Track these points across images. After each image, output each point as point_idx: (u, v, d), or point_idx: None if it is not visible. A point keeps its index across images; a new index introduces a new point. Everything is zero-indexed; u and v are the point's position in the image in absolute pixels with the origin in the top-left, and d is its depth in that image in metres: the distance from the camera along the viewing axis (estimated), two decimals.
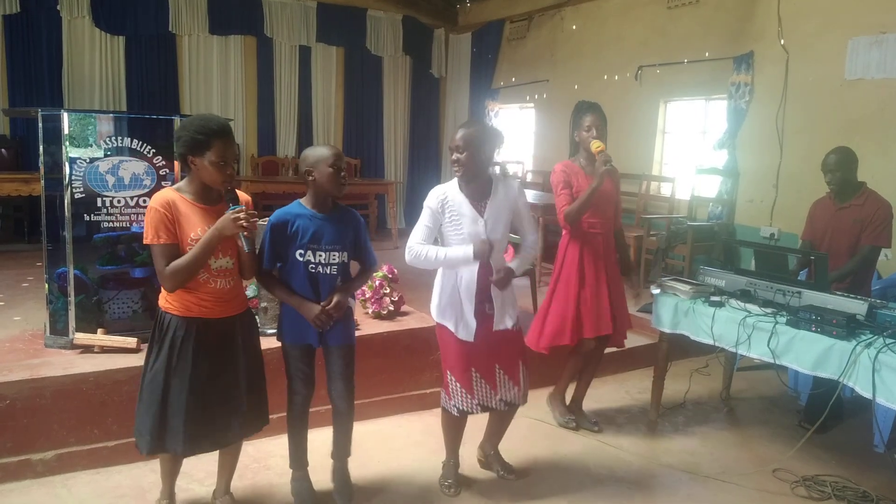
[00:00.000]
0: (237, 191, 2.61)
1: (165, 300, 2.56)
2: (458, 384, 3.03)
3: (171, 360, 2.53)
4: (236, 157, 2.53)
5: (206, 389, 2.58)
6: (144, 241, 2.48)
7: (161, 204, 2.46)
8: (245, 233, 2.50)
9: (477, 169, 2.98)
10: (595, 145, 3.62)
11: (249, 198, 2.72)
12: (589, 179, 3.69)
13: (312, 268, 2.80)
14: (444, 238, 3.06)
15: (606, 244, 3.81)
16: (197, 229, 2.49)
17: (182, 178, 2.71)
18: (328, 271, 2.82)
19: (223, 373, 2.63)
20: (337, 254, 2.83)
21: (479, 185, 3.03)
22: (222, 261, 2.58)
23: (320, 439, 3.13)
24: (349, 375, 2.99)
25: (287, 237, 2.79)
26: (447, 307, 3.03)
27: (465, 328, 3.01)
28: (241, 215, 2.45)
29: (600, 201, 3.70)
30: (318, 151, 2.80)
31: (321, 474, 3.15)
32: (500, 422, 3.35)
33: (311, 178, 2.78)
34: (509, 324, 3.12)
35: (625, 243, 3.94)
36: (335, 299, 2.78)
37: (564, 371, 4.02)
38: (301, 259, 2.79)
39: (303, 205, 2.86)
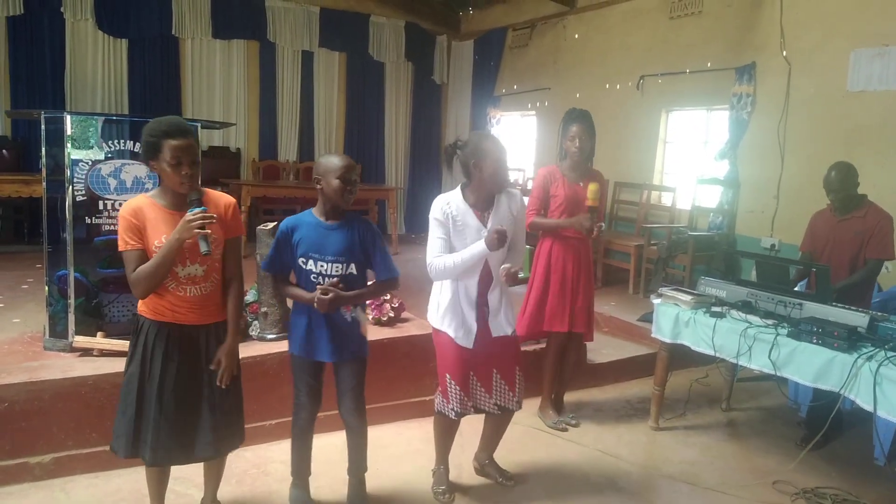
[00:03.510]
0: (220, 194, 2.59)
1: (141, 303, 2.53)
2: (456, 387, 3.02)
3: (144, 364, 2.50)
4: (196, 156, 2.45)
5: (173, 397, 2.51)
6: (119, 249, 2.46)
7: (127, 211, 2.44)
8: (201, 234, 2.37)
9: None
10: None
11: (234, 200, 2.65)
12: (568, 186, 3.86)
13: (314, 277, 2.77)
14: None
15: (580, 247, 3.93)
16: (161, 236, 2.43)
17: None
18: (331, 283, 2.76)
19: (190, 382, 2.55)
20: (340, 265, 2.76)
21: (486, 196, 3.04)
22: (191, 268, 2.50)
23: (318, 446, 3.11)
24: (359, 391, 2.95)
25: (291, 244, 2.78)
26: (447, 313, 3.02)
27: (466, 335, 3.01)
28: (196, 218, 2.36)
29: (577, 209, 3.83)
30: (330, 161, 2.77)
31: (321, 480, 3.14)
32: (495, 428, 3.35)
33: (318, 186, 2.77)
34: (508, 330, 3.13)
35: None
36: (326, 296, 2.67)
37: (544, 378, 4.16)
38: (304, 267, 2.78)
39: (313, 213, 2.84)
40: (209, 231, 2.39)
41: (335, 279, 2.75)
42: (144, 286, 2.44)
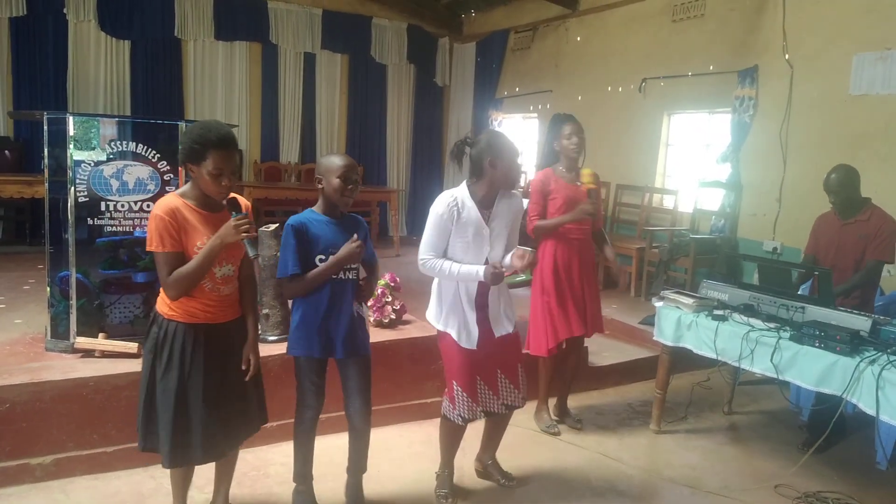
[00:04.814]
0: (238, 196, 2.59)
1: (168, 307, 2.52)
2: (463, 394, 3.02)
3: (182, 368, 2.50)
4: (236, 168, 2.49)
5: (220, 394, 2.57)
6: (147, 248, 2.45)
7: (165, 211, 2.43)
8: (248, 237, 2.44)
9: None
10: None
11: (249, 203, 2.69)
12: (567, 185, 3.88)
13: (332, 274, 2.77)
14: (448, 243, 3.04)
15: (583, 248, 3.94)
16: (203, 238, 2.46)
17: (186, 182, 2.69)
18: (349, 276, 2.81)
19: (227, 377, 2.61)
20: None
21: (494, 193, 3.04)
22: (225, 268, 2.55)
23: (320, 448, 3.10)
24: (367, 390, 2.95)
25: (308, 240, 2.77)
26: (449, 315, 3.01)
27: (468, 336, 3.00)
28: (243, 223, 2.41)
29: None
30: (331, 161, 2.80)
31: (322, 483, 3.13)
32: (496, 428, 3.35)
33: (320, 186, 2.79)
34: (510, 328, 3.14)
35: (604, 238, 4.14)
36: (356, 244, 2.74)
37: (539, 381, 4.11)
38: (321, 264, 2.77)
39: (314, 211, 2.85)
40: (255, 234, 2.46)
41: (354, 270, 2.84)
42: (182, 288, 2.45)
